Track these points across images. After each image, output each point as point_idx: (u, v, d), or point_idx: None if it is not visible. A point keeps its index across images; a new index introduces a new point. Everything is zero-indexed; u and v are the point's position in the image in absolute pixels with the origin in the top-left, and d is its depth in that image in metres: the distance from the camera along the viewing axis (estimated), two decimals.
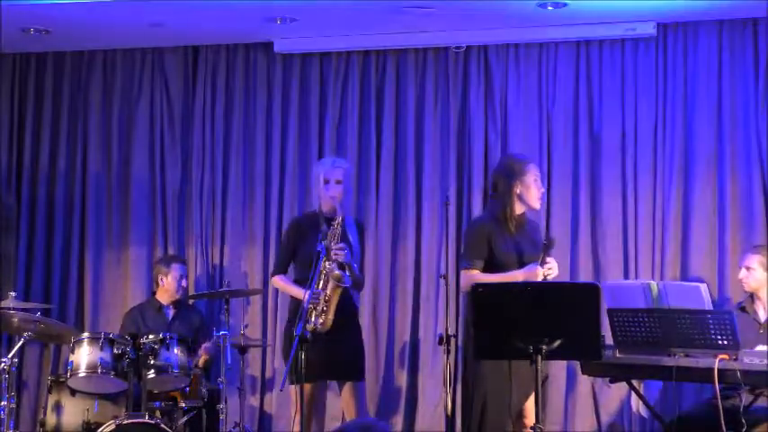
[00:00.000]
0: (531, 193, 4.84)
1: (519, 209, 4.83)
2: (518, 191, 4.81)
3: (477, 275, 4.67)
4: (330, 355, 4.89)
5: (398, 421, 6.26)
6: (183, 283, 6.15)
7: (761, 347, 4.63)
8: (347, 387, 5.04)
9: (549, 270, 4.66)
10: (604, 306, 4.46)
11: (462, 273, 4.83)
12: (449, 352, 4.78)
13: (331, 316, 4.87)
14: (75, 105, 6.77)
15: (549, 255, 4.69)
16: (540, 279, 4.59)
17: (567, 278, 5.88)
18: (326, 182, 5.02)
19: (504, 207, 4.80)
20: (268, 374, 6.43)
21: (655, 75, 6.17)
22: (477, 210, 6.23)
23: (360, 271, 5.09)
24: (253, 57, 6.60)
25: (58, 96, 6.79)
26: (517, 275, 4.63)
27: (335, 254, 4.81)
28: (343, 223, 4.94)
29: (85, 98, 6.76)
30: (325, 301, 4.85)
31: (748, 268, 5.26)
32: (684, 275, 5.97)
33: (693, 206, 6.07)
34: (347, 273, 4.84)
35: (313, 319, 4.80)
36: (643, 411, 5.73)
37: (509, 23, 6.09)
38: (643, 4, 5.75)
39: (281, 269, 5.16)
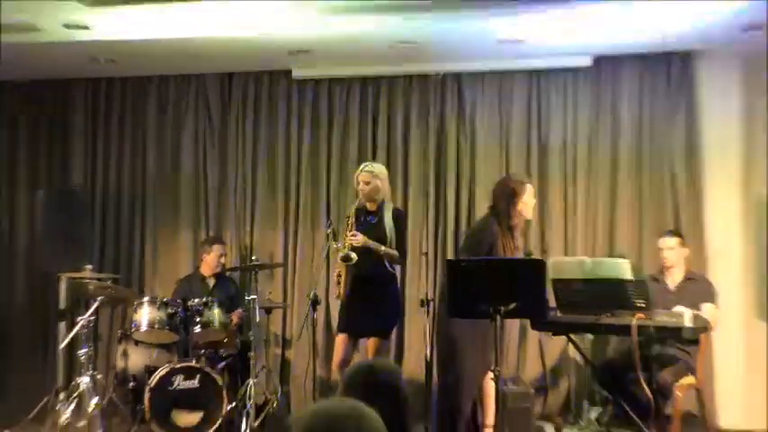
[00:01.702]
0: (528, 207, 4.84)
1: (517, 220, 4.83)
2: (519, 207, 4.79)
3: None
4: (363, 314, 4.91)
5: None
6: (222, 259, 6.14)
7: (677, 308, 4.66)
8: (371, 341, 4.98)
9: None
10: (549, 277, 4.53)
11: None
12: (428, 312, 4.80)
13: (343, 288, 4.88)
14: (137, 120, 6.76)
15: None
16: None
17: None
18: (358, 183, 5.02)
19: (508, 220, 4.75)
20: (288, 330, 6.44)
21: (590, 97, 6.18)
22: (452, 202, 6.24)
23: (398, 248, 4.97)
24: (275, 81, 6.56)
25: (123, 112, 6.78)
26: None
27: (350, 239, 4.80)
28: (381, 212, 4.95)
29: (144, 114, 6.74)
30: (338, 275, 4.90)
31: (670, 248, 5.23)
32: (611, 252, 6.01)
33: (618, 198, 6.10)
34: (347, 252, 4.76)
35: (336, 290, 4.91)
36: (578, 358, 5.87)
37: (476, 56, 6.07)
38: (581, 42, 5.77)
39: None
